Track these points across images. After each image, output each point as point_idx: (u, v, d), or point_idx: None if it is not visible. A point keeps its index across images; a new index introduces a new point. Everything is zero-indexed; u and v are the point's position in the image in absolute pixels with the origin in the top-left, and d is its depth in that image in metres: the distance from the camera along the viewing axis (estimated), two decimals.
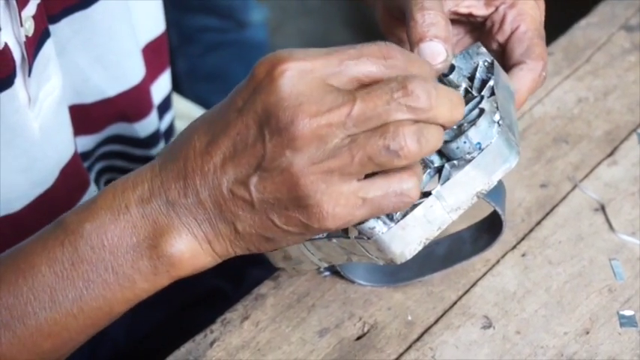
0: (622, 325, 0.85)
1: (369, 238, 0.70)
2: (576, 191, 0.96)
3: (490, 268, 0.89)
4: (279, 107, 0.64)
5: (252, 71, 0.66)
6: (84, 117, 0.92)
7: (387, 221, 0.70)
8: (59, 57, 0.86)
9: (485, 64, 0.76)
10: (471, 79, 0.76)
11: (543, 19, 0.82)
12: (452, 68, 0.75)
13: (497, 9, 0.81)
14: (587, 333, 0.84)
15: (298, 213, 0.67)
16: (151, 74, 0.98)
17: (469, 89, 0.75)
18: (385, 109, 0.65)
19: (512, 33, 0.80)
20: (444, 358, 0.82)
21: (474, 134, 0.71)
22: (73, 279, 0.69)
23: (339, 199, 0.66)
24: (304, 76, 0.65)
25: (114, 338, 1.02)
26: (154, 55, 0.98)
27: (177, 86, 1.12)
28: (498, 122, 0.71)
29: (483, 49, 0.77)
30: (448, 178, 0.70)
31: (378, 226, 0.70)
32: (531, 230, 0.93)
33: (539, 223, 0.93)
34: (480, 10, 0.81)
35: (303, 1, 2.65)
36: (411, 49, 0.73)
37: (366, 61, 0.66)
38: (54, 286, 0.68)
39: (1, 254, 0.72)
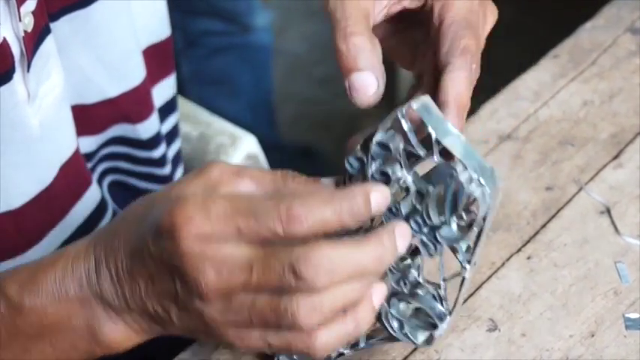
0: (627, 327, 0.84)
1: None
2: (582, 194, 0.96)
3: (495, 271, 0.89)
4: (184, 262, 0.65)
5: (161, 217, 0.66)
6: (86, 117, 0.92)
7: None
8: (60, 55, 0.85)
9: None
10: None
11: (477, 7, 0.76)
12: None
13: (426, 1, 0.77)
14: (593, 336, 0.84)
15: (219, 339, 0.69)
16: (154, 77, 0.97)
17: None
18: (278, 282, 0.65)
19: (439, 28, 0.74)
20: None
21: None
22: (11, 346, 0.70)
23: (249, 341, 0.68)
24: (204, 239, 0.65)
25: None
26: (157, 58, 0.97)
27: (181, 89, 1.12)
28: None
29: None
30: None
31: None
32: (537, 233, 0.92)
33: (544, 225, 0.93)
34: (413, 3, 0.77)
35: (307, 2, 2.65)
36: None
37: (264, 228, 0.65)
38: None
39: None
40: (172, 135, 1.05)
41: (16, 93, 0.79)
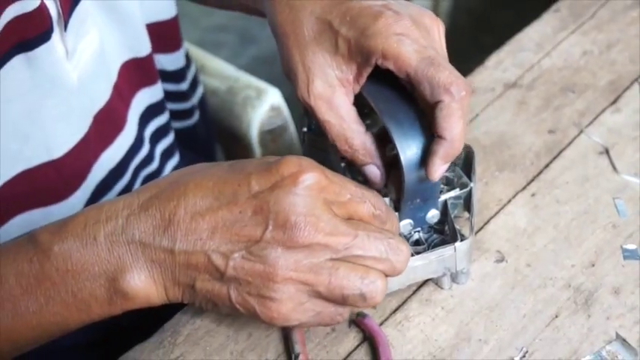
0: (625, 257, 0.84)
1: None
2: (582, 136, 0.95)
3: (502, 207, 0.88)
4: (292, 210, 0.66)
5: (277, 164, 0.67)
6: (142, 70, 0.92)
7: None
8: (111, 12, 0.85)
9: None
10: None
11: (420, 38, 0.72)
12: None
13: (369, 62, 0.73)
14: (593, 265, 0.83)
15: (256, 301, 0.67)
16: (159, 50, 0.97)
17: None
18: (375, 257, 0.68)
19: (408, 80, 0.72)
20: (461, 289, 0.82)
21: None
22: (35, 294, 0.68)
23: (298, 306, 0.68)
24: (318, 192, 0.67)
25: None
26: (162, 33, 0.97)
27: None
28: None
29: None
30: None
31: None
32: (540, 172, 0.92)
33: (547, 165, 0.92)
34: (368, 70, 0.74)
35: None
36: None
37: (364, 205, 0.69)
38: (18, 297, 0.68)
39: None
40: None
41: (55, 51, 0.79)
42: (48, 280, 0.67)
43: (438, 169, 0.72)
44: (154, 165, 0.97)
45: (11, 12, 0.74)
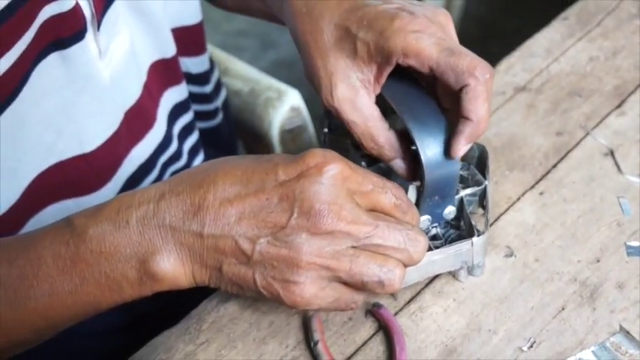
0: (629, 254, 0.85)
1: None
2: (588, 138, 0.96)
3: (511, 205, 0.90)
4: (317, 198, 0.67)
5: (303, 156, 0.69)
6: (169, 70, 0.93)
7: None
8: (140, 15, 0.87)
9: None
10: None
11: (437, 32, 0.73)
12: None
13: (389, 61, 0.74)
14: (598, 261, 0.84)
15: (280, 285, 0.68)
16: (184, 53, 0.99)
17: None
18: (394, 247, 0.69)
19: (432, 74, 0.73)
20: (472, 282, 0.83)
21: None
22: (71, 274, 0.69)
23: (319, 292, 0.69)
24: (342, 182, 0.68)
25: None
26: (187, 38, 0.99)
27: None
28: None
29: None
30: None
31: None
32: (548, 172, 0.93)
33: (555, 165, 0.93)
34: (389, 69, 0.75)
35: None
36: None
37: (386, 195, 0.71)
38: (55, 278, 0.69)
39: (15, 237, 0.73)
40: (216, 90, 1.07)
41: (88, 50, 0.80)
42: (83, 261, 0.68)
43: (462, 148, 0.73)
44: (182, 161, 0.98)
45: (48, 11, 0.75)
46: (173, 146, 0.96)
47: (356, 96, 0.75)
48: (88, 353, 0.95)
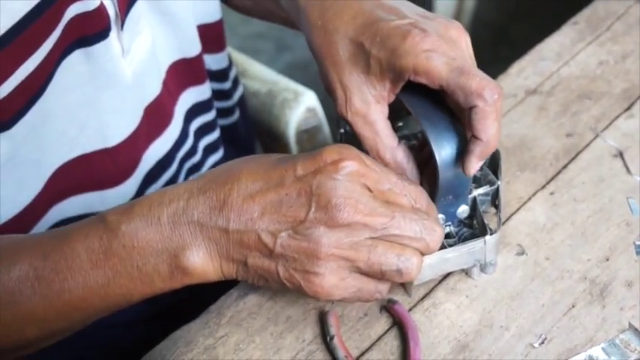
0: (637, 253, 0.85)
1: None
2: (598, 140, 0.96)
3: (523, 204, 0.90)
4: (333, 192, 0.68)
5: (320, 152, 0.69)
6: (190, 69, 0.94)
7: None
8: (161, 15, 0.87)
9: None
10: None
11: (449, 50, 0.72)
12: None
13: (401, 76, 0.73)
14: (607, 260, 0.84)
15: (301, 276, 0.69)
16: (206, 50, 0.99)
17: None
18: (411, 236, 0.70)
19: (441, 86, 0.72)
20: (484, 280, 0.83)
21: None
22: (104, 268, 0.70)
23: (339, 282, 0.70)
24: (358, 178, 0.69)
25: None
26: (209, 35, 0.99)
27: None
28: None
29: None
30: None
31: None
32: (558, 173, 0.93)
33: (565, 166, 0.93)
34: (400, 84, 0.75)
35: None
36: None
37: (404, 197, 0.71)
38: (88, 271, 0.70)
39: (48, 232, 0.75)
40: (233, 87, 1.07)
41: (111, 48, 0.81)
42: (116, 256, 0.70)
43: (475, 166, 0.73)
44: (197, 157, 0.99)
45: (73, 10, 0.76)
46: (189, 143, 0.96)
47: (369, 110, 0.75)
48: (109, 345, 0.96)
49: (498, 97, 0.71)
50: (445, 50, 0.72)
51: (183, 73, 0.94)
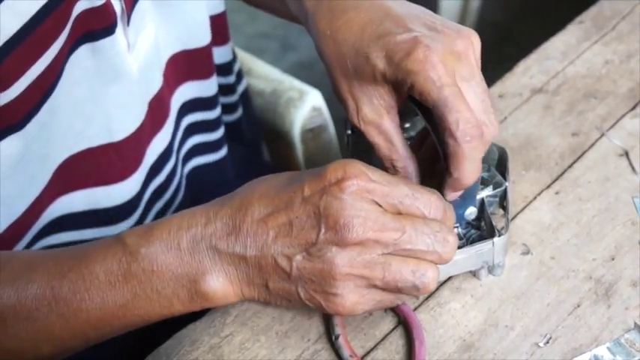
0: None
1: None
2: (603, 139, 0.95)
3: (528, 204, 0.89)
4: (340, 213, 0.67)
5: (325, 171, 0.69)
6: (191, 62, 0.93)
7: None
8: (163, 7, 0.87)
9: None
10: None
11: (467, 53, 0.71)
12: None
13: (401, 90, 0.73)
14: (613, 259, 0.84)
15: (321, 297, 0.69)
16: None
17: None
18: (423, 250, 0.69)
19: (434, 110, 0.71)
20: (489, 279, 0.82)
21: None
22: (122, 290, 0.70)
23: (360, 299, 0.69)
24: (365, 193, 0.68)
25: None
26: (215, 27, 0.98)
27: None
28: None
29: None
30: None
31: None
32: (564, 172, 0.92)
33: (570, 165, 0.93)
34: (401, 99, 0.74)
35: None
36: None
37: (416, 207, 0.70)
38: (106, 292, 0.70)
39: (64, 250, 0.75)
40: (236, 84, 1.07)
41: (117, 43, 0.81)
42: (135, 278, 0.70)
43: (449, 197, 0.73)
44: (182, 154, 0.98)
45: (80, 6, 0.76)
46: (178, 138, 0.96)
47: (381, 120, 0.74)
48: (114, 342, 0.95)
49: (471, 138, 0.69)
50: (442, 75, 0.69)
51: (183, 65, 0.93)
